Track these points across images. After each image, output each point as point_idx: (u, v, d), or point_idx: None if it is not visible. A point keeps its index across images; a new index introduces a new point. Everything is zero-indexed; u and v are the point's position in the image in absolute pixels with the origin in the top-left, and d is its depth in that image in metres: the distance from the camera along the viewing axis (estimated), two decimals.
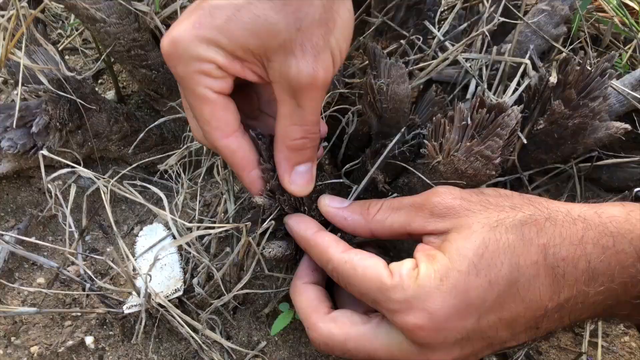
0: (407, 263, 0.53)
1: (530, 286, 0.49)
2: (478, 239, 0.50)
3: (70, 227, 0.75)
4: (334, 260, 0.56)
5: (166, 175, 0.90)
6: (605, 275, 0.49)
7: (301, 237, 0.61)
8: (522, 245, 0.49)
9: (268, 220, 0.62)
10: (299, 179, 0.60)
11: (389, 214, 0.58)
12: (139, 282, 0.72)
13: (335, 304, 0.63)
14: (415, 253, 0.55)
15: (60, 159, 0.71)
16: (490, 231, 0.50)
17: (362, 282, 0.53)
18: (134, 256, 0.79)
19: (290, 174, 0.59)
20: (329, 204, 0.62)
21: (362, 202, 0.61)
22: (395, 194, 0.68)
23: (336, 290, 0.65)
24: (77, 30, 1.18)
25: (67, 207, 0.75)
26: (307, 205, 0.63)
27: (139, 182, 0.75)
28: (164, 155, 0.88)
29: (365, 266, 0.54)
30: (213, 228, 0.67)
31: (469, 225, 0.51)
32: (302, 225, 0.61)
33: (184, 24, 0.52)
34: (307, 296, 0.61)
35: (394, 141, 0.65)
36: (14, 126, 0.79)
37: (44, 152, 0.73)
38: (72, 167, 0.70)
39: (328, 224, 0.64)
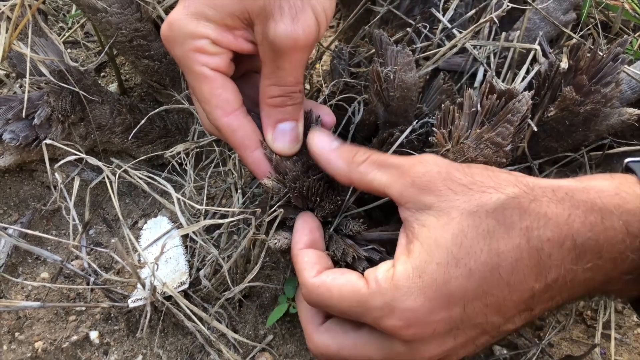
0: (383, 266, 0.52)
1: (513, 270, 0.47)
2: (457, 228, 0.48)
3: (73, 219, 0.74)
4: (307, 286, 0.55)
5: (169, 167, 0.89)
6: (592, 253, 0.47)
7: (291, 250, 0.61)
8: (502, 229, 0.48)
9: (276, 206, 0.61)
10: (281, 137, 0.59)
11: (373, 169, 0.55)
12: (145, 274, 0.71)
13: None
14: (396, 249, 0.54)
15: (64, 147, 0.70)
16: (469, 217, 0.48)
17: (340, 301, 0.52)
18: (137, 250, 0.78)
19: (272, 132, 0.59)
20: (317, 142, 0.60)
21: (350, 148, 0.59)
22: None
23: None
24: (78, 23, 1.17)
25: (70, 199, 0.74)
26: (317, 194, 0.62)
27: (145, 173, 0.74)
28: (167, 151, 0.87)
29: (339, 285, 0.52)
30: (225, 217, 0.66)
31: (448, 211, 0.49)
32: (295, 237, 0.61)
33: (178, 8, 0.55)
34: (305, 305, 0.61)
35: (405, 133, 0.64)
36: (23, 116, 0.77)
37: (48, 141, 0.72)
38: (78, 155, 0.69)
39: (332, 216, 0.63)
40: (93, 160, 0.68)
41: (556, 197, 0.48)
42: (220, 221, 0.62)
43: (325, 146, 0.59)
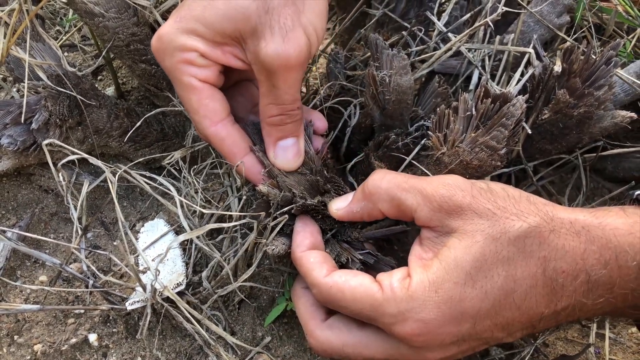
0: (397, 273, 0.53)
1: (526, 296, 0.50)
2: (478, 251, 0.50)
3: (73, 218, 0.74)
4: (319, 286, 0.56)
5: (165, 172, 0.89)
6: (605, 288, 0.50)
7: (292, 252, 0.61)
8: (522, 257, 0.50)
9: (279, 212, 0.61)
10: (282, 153, 0.61)
11: (397, 192, 0.56)
12: (145, 277, 0.71)
13: None
14: (410, 257, 0.55)
15: (64, 147, 0.70)
16: (492, 242, 0.50)
17: (352, 303, 0.54)
18: (136, 252, 0.78)
19: (274, 149, 0.61)
20: (337, 207, 0.62)
21: (359, 187, 0.60)
22: None
23: None
24: (75, 26, 1.17)
25: (73, 202, 0.74)
26: (319, 213, 0.63)
27: (147, 174, 0.75)
28: (165, 154, 0.87)
29: (352, 287, 0.54)
30: (226, 221, 0.67)
31: (473, 234, 0.51)
32: (297, 239, 0.62)
33: (169, 21, 0.56)
34: (305, 301, 0.62)
35: (410, 156, 0.65)
36: (22, 121, 0.78)
37: (49, 140, 0.72)
38: (79, 154, 0.69)
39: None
40: (94, 160, 0.68)
41: (573, 230, 0.50)
42: (225, 225, 0.62)
43: (344, 204, 0.61)
